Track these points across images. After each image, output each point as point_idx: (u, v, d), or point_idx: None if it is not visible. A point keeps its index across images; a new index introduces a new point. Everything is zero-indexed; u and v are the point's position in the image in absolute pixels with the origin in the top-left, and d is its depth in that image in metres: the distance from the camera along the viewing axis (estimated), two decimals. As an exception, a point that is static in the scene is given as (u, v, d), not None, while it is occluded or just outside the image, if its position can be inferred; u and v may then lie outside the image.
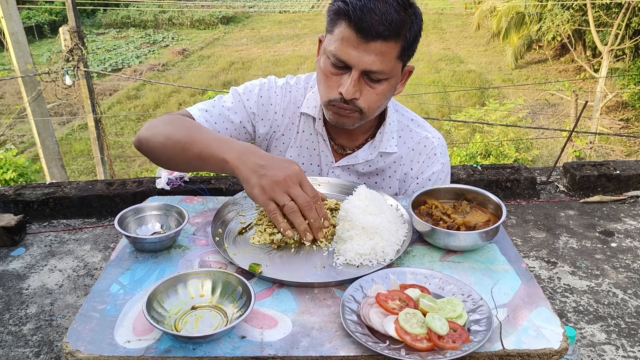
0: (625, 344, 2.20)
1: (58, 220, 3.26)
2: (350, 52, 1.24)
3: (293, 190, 1.11)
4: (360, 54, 1.23)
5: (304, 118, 1.52)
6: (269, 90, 1.51)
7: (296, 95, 1.53)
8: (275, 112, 1.52)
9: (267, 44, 26.49)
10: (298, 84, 1.55)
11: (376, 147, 1.48)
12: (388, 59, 1.25)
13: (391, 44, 1.24)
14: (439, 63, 22.39)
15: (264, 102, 1.50)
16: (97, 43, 26.06)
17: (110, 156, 11.66)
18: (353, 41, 1.23)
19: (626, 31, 15.14)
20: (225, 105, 1.48)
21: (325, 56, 1.30)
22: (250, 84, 1.53)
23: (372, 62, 1.24)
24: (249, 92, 1.50)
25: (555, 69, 20.62)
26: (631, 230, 3.08)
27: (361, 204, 1.16)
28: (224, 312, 0.95)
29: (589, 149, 12.72)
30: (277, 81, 1.54)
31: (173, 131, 1.30)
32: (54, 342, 2.25)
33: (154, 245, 1.12)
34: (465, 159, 11.21)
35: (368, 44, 1.22)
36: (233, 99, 1.49)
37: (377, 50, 1.23)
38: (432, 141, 1.52)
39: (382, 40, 1.22)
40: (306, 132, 1.52)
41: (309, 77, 1.56)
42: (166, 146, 1.29)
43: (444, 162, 1.53)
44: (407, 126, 1.53)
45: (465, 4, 30.30)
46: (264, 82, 1.53)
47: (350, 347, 0.87)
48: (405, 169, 1.52)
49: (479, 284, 1.03)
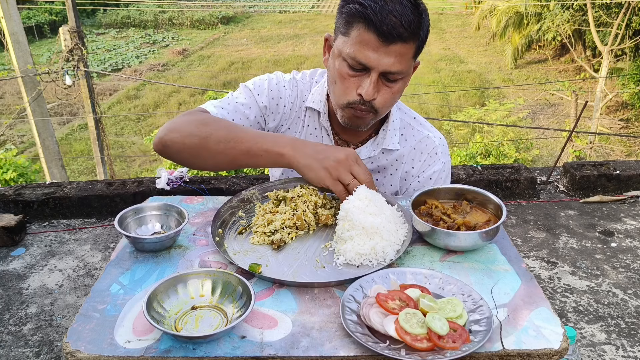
0: (625, 344, 2.20)
1: (58, 220, 3.26)
2: (369, 54, 1.24)
3: (355, 168, 1.22)
4: (380, 57, 1.24)
5: (310, 112, 1.53)
6: (277, 84, 1.52)
7: (302, 90, 1.54)
8: (284, 106, 1.53)
9: (267, 44, 26.49)
10: (304, 79, 1.56)
11: (379, 144, 1.49)
12: (406, 59, 1.27)
13: (410, 45, 1.25)
14: (439, 63, 22.39)
15: (274, 96, 1.52)
16: (97, 43, 26.06)
17: (110, 156, 11.66)
18: (373, 44, 1.23)
19: (626, 31, 15.15)
20: (239, 101, 1.49)
21: (341, 58, 1.30)
22: (259, 79, 1.54)
23: (392, 64, 1.25)
24: (259, 86, 1.51)
25: (555, 69, 20.62)
26: (631, 230, 3.08)
27: (361, 204, 1.16)
28: (224, 312, 0.95)
29: (589, 149, 12.72)
30: (284, 76, 1.56)
31: (210, 131, 1.31)
32: (54, 342, 2.25)
33: (154, 245, 1.12)
34: (465, 159, 11.21)
35: (388, 46, 1.23)
36: (245, 95, 1.50)
37: (397, 52, 1.24)
38: (433, 140, 1.52)
39: (402, 42, 1.23)
40: (311, 126, 1.54)
41: (314, 73, 1.57)
42: (204, 146, 1.31)
43: (445, 161, 1.53)
44: (410, 124, 1.54)
45: (466, 4, 30.30)
46: (272, 76, 1.54)
47: (350, 347, 0.87)
48: (406, 167, 1.53)
49: (479, 284, 1.03)
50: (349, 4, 1.25)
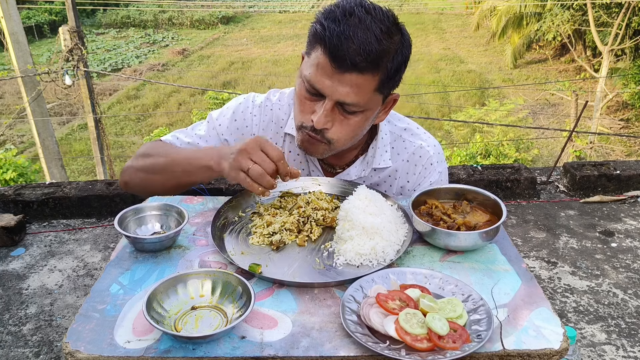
0: (626, 344, 2.20)
1: (58, 220, 3.26)
2: (324, 80, 1.17)
3: (255, 155, 1.14)
4: (334, 84, 1.16)
5: (290, 138, 1.45)
6: (244, 112, 1.46)
7: (278, 114, 1.46)
8: (252, 134, 1.45)
9: (267, 44, 26.49)
10: (281, 101, 1.48)
11: (369, 163, 1.43)
12: (364, 91, 1.18)
13: (368, 77, 1.16)
14: (439, 63, 22.39)
15: (238, 126, 1.45)
16: (97, 43, 26.06)
17: (110, 156, 11.66)
18: (327, 70, 1.15)
19: (626, 31, 15.15)
20: (198, 133, 1.47)
21: (301, 80, 1.24)
22: (227, 107, 1.50)
23: (347, 94, 1.17)
24: (223, 116, 1.47)
25: (555, 68, 20.62)
26: (631, 230, 3.08)
27: (361, 204, 1.16)
28: (224, 312, 0.95)
29: (589, 149, 12.72)
30: (255, 99, 1.48)
31: (151, 162, 1.36)
32: (53, 342, 2.24)
33: (153, 246, 1.12)
34: (465, 159, 11.21)
35: (342, 74, 1.14)
36: (207, 127, 1.48)
37: (352, 82, 1.15)
38: (427, 150, 1.45)
39: (357, 72, 1.14)
40: (293, 152, 1.46)
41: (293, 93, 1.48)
42: (151, 179, 1.36)
43: (441, 170, 1.48)
44: (400, 136, 1.46)
45: (466, 4, 30.28)
46: (240, 102, 1.48)
47: (350, 347, 0.87)
48: (401, 182, 1.47)
49: (479, 284, 1.03)
50: (314, 23, 1.19)
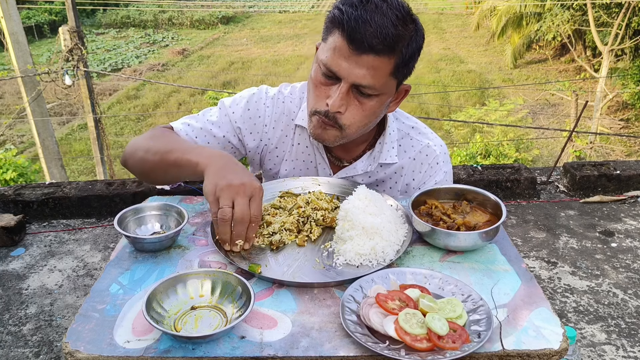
0: (626, 344, 2.20)
1: (58, 220, 3.26)
2: (341, 63, 1.20)
3: (239, 199, 1.09)
4: (351, 66, 1.19)
5: (299, 130, 1.47)
6: (257, 102, 1.46)
7: (290, 107, 1.48)
8: (265, 125, 1.47)
9: (267, 44, 26.50)
10: (293, 94, 1.49)
11: (376, 158, 1.45)
12: (380, 74, 1.21)
13: (384, 59, 1.19)
14: (439, 63, 22.39)
15: (251, 115, 1.46)
16: (96, 43, 26.06)
17: (110, 156, 11.66)
18: (344, 52, 1.18)
19: (626, 31, 15.14)
20: (210, 119, 1.45)
21: (317, 65, 1.26)
22: (240, 95, 1.49)
23: (363, 76, 1.20)
24: (236, 105, 1.46)
25: (555, 68, 20.62)
26: (631, 230, 3.08)
27: (361, 204, 1.16)
28: (224, 312, 0.95)
29: (589, 149, 12.72)
30: (268, 91, 1.49)
31: (152, 144, 1.33)
32: (53, 342, 2.25)
33: (153, 245, 1.12)
34: (465, 159, 11.21)
35: (360, 56, 1.18)
36: (219, 113, 1.46)
37: (369, 64, 1.19)
38: (434, 149, 1.48)
39: (374, 54, 1.17)
40: (302, 144, 1.48)
41: (304, 87, 1.49)
42: (145, 159, 1.33)
43: (447, 170, 1.50)
44: (408, 134, 1.48)
45: (466, 4, 30.29)
46: (253, 93, 1.48)
47: (350, 347, 0.87)
48: (407, 179, 1.48)
49: (479, 284, 1.03)
50: (333, 9, 1.22)
